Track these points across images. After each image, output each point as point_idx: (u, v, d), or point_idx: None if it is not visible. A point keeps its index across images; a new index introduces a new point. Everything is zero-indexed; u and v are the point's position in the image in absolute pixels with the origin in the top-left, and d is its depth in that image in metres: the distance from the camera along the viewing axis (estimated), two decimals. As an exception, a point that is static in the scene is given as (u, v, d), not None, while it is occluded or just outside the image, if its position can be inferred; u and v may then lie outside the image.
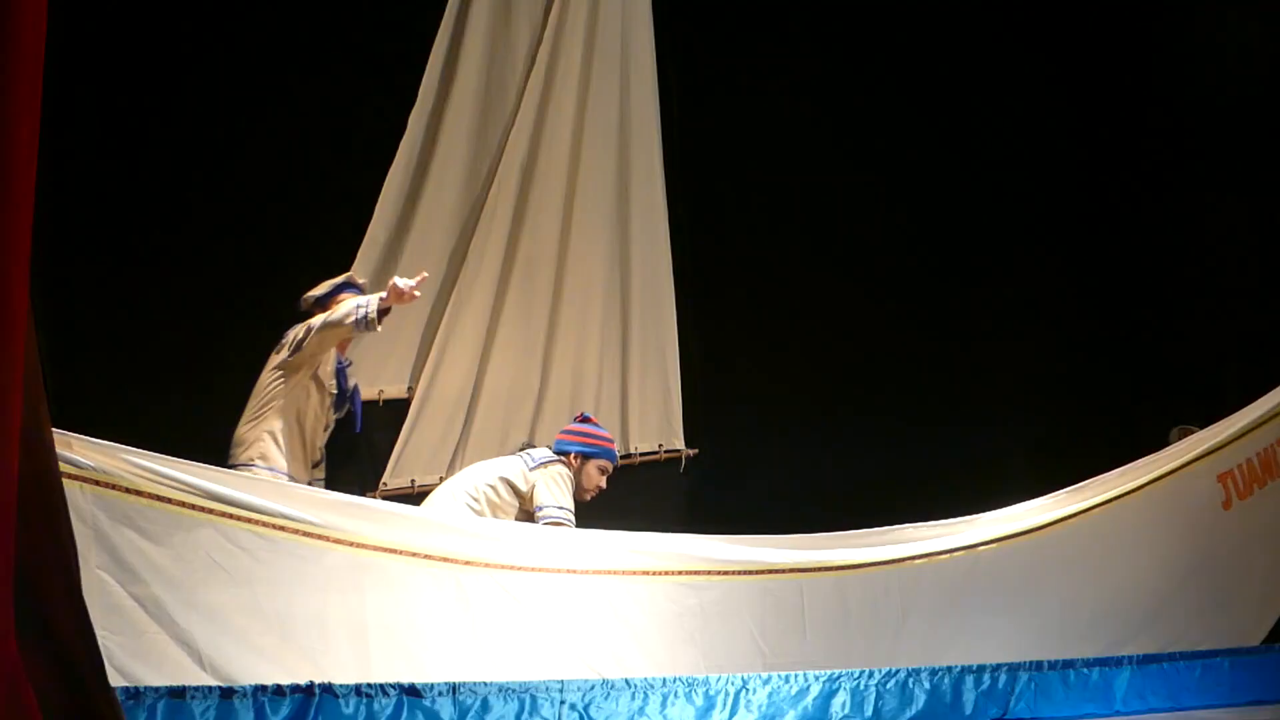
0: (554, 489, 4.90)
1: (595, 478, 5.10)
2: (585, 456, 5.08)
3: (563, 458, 5.05)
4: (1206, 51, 7.92)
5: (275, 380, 5.07)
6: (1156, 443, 5.99)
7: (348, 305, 4.99)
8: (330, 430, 5.34)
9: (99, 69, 5.54)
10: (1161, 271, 8.07)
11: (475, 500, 4.84)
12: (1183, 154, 8.06)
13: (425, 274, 5.07)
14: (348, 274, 5.53)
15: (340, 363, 5.34)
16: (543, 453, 5.08)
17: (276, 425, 5.02)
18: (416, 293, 4.96)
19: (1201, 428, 5.84)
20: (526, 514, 4.91)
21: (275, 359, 5.13)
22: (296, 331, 5.11)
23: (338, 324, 4.96)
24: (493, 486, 4.89)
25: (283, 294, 6.04)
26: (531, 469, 4.95)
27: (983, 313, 7.79)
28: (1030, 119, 8.02)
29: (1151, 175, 8.11)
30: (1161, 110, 8.13)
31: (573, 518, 4.90)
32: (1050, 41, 8.11)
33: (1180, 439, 5.92)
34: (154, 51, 5.85)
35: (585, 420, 5.25)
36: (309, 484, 5.15)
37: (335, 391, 5.28)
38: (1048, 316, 8.03)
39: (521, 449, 5.23)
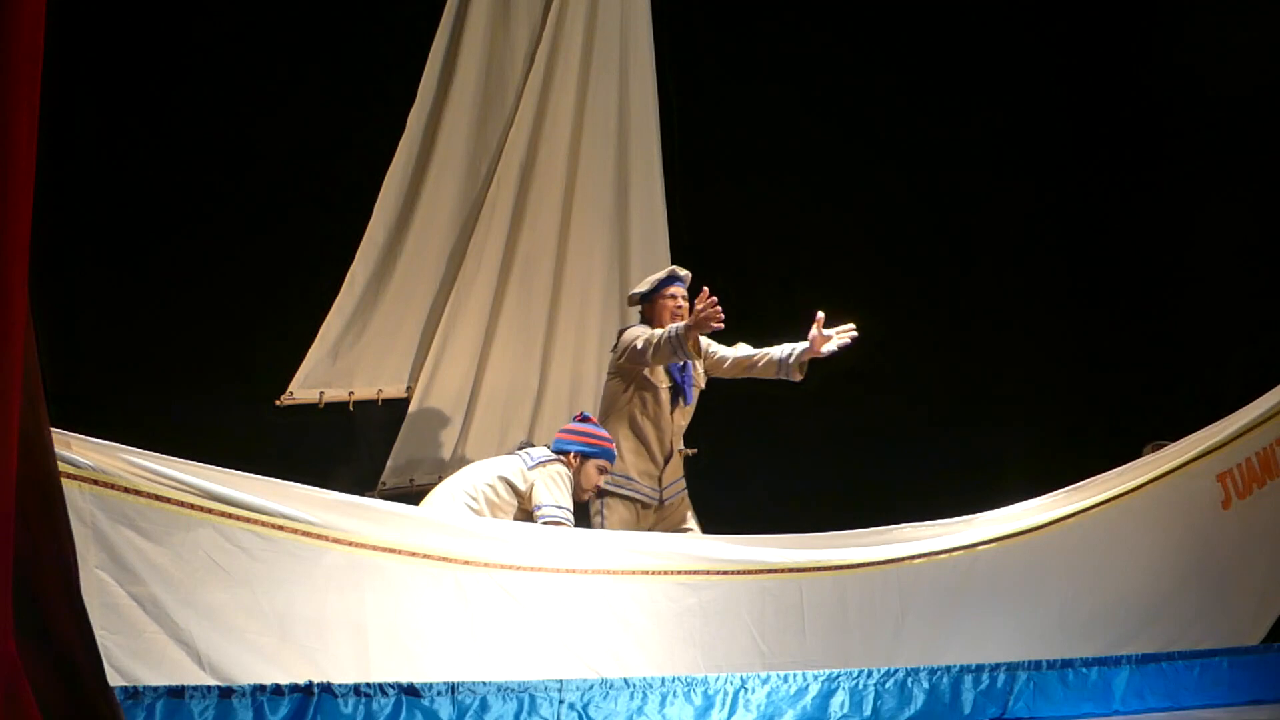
0: (553, 488, 4.89)
1: (594, 477, 5.09)
2: (584, 456, 5.07)
3: (562, 457, 5.04)
4: (1204, 53, 7.91)
5: (612, 385, 5.41)
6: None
7: (660, 333, 5.14)
8: (685, 419, 5.50)
9: (99, 70, 5.54)
10: (1161, 272, 8.07)
11: (474, 500, 4.82)
12: (1182, 155, 8.05)
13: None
14: (671, 268, 5.67)
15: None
16: (541, 452, 5.07)
17: (620, 429, 5.32)
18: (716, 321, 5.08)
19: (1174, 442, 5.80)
20: (525, 513, 4.89)
21: (611, 359, 5.47)
22: (626, 339, 5.34)
23: (645, 355, 5.18)
24: (491, 486, 4.87)
25: (283, 292, 6.04)
26: (530, 468, 4.94)
27: (982, 313, 7.79)
28: (1030, 123, 8.01)
29: (1151, 176, 8.11)
30: (1160, 111, 8.13)
31: (572, 517, 4.89)
32: (1049, 44, 8.11)
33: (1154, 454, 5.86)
34: (153, 53, 5.86)
35: (584, 420, 5.24)
36: (660, 484, 5.37)
37: (671, 384, 5.44)
38: (1047, 317, 8.03)
39: (520, 448, 5.22)
